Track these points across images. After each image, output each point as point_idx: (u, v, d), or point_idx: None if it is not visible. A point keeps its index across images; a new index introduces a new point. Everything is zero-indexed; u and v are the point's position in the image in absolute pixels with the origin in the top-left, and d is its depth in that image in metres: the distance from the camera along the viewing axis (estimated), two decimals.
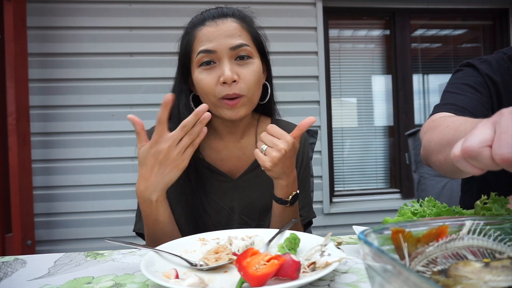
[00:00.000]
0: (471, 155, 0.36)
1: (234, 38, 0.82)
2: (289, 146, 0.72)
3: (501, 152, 0.34)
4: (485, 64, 0.91)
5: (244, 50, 0.83)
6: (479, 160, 0.36)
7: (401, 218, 0.66)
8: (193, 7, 2.50)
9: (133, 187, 2.77)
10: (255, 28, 0.90)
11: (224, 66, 0.81)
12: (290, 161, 0.75)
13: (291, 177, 0.78)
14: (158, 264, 0.57)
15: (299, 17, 2.61)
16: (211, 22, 0.83)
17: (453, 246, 0.38)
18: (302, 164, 0.97)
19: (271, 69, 0.95)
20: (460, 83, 0.89)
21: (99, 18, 2.45)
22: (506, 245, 0.37)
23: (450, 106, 0.84)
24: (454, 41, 3.05)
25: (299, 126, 0.74)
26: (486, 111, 0.86)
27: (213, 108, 0.84)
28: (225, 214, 0.92)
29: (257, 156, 0.74)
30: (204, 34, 0.83)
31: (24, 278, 0.59)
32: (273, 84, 0.97)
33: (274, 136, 0.73)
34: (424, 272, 0.37)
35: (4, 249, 2.20)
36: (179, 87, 0.89)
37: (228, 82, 0.80)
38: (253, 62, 0.84)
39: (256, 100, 0.88)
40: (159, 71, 2.47)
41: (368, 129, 2.94)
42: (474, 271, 0.34)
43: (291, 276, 0.49)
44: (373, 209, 2.69)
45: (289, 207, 0.81)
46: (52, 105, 2.41)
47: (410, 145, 1.52)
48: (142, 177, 0.75)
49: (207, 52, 0.81)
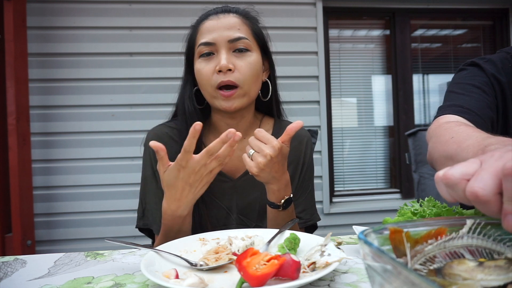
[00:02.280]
0: (449, 183, 0.37)
1: (233, 31, 0.84)
2: (275, 151, 0.70)
3: (472, 185, 0.35)
4: (490, 63, 0.89)
5: (242, 43, 0.84)
6: (455, 190, 0.37)
7: (401, 218, 0.66)
8: (193, 7, 2.51)
9: (133, 187, 2.78)
10: (258, 26, 0.91)
11: (220, 56, 0.83)
12: (279, 166, 0.74)
13: (282, 182, 0.77)
14: (158, 264, 0.57)
15: (299, 17, 2.61)
16: (213, 16, 0.87)
17: (452, 245, 0.38)
18: (303, 166, 0.95)
19: (274, 68, 0.95)
20: (465, 83, 0.88)
21: (99, 18, 2.45)
22: (506, 246, 0.37)
23: (456, 108, 0.83)
24: (454, 41, 3.05)
25: (287, 131, 0.73)
26: (492, 113, 0.85)
27: (210, 100, 0.87)
28: (224, 214, 0.91)
29: (245, 161, 0.74)
30: (206, 27, 0.86)
31: (24, 278, 0.59)
32: (276, 84, 0.97)
33: (261, 140, 0.72)
34: (421, 270, 0.37)
35: (4, 249, 2.20)
36: (185, 78, 0.93)
37: (223, 70, 0.82)
38: (251, 55, 0.85)
39: (253, 95, 0.88)
40: (159, 71, 2.47)
41: (368, 129, 2.94)
42: (467, 270, 0.34)
43: (291, 276, 0.49)
44: (373, 209, 2.69)
45: (283, 211, 0.80)
46: (52, 105, 2.41)
47: (410, 145, 1.52)
48: (173, 198, 0.73)
49: (207, 44, 0.84)
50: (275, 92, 0.96)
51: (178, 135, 0.91)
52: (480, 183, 0.34)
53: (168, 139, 0.91)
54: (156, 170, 0.89)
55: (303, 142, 0.96)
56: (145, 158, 0.92)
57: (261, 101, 0.94)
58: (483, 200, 0.34)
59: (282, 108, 1.00)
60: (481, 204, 0.34)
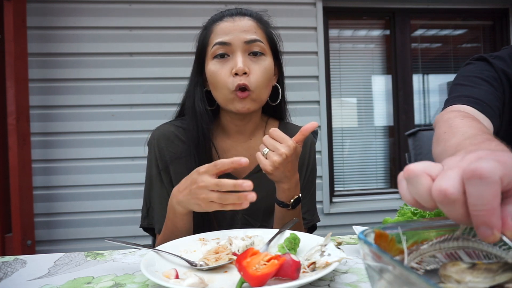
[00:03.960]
0: (410, 176, 0.34)
1: (249, 33, 0.84)
2: (290, 150, 0.72)
3: (440, 184, 0.31)
4: (499, 59, 0.88)
5: (257, 45, 0.85)
6: (415, 185, 0.34)
7: (401, 218, 0.66)
8: (193, 7, 2.51)
9: (133, 187, 2.77)
10: (271, 30, 0.92)
11: (237, 58, 0.83)
12: (292, 165, 0.75)
13: (292, 181, 0.78)
14: (158, 264, 0.57)
15: (299, 17, 2.61)
16: (228, 18, 0.86)
17: (447, 246, 0.38)
18: (307, 168, 0.97)
19: (283, 72, 0.96)
20: (473, 76, 0.86)
21: (99, 18, 2.45)
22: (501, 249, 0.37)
23: (466, 98, 0.80)
24: (454, 41, 3.05)
25: (302, 131, 0.74)
26: (500, 106, 0.83)
27: (223, 102, 0.86)
28: (229, 214, 0.92)
29: (259, 159, 0.74)
30: (221, 28, 0.85)
31: (24, 278, 0.59)
32: (284, 87, 0.97)
33: (276, 139, 0.73)
34: (417, 270, 0.37)
35: (4, 249, 2.20)
36: (194, 80, 0.91)
37: (240, 73, 0.81)
38: (265, 59, 0.86)
39: (264, 99, 0.88)
40: (159, 71, 2.47)
41: (368, 129, 2.94)
42: (458, 272, 0.34)
43: (291, 276, 0.49)
44: (373, 209, 2.69)
45: (291, 210, 0.81)
46: (52, 105, 2.41)
47: (410, 145, 1.52)
48: (178, 187, 0.74)
49: (222, 44, 0.84)
50: (283, 96, 0.97)
51: (185, 134, 0.91)
52: (449, 181, 0.31)
53: (174, 138, 0.91)
54: (162, 169, 0.90)
55: (307, 144, 0.97)
56: (150, 158, 0.92)
57: (268, 104, 0.95)
58: (452, 199, 0.31)
59: (288, 109, 1.01)
60: (448, 204, 0.31)
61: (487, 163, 0.30)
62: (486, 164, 0.30)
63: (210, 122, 0.88)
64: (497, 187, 0.29)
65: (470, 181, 0.30)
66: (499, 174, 0.29)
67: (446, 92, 3.02)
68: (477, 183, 0.29)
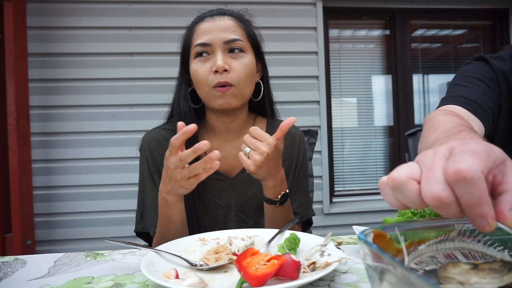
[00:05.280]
0: (396, 184, 0.33)
1: (229, 33, 0.86)
2: (271, 148, 0.72)
3: (431, 189, 0.31)
4: (499, 60, 0.88)
5: (237, 44, 0.87)
6: (403, 192, 0.33)
7: (401, 218, 0.66)
8: (193, 7, 2.50)
9: (133, 187, 2.78)
10: (252, 29, 0.93)
11: (217, 57, 0.85)
12: (275, 162, 0.75)
13: (277, 178, 0.78)
14: (158, 264, 0.57)
15: (299, 17, 2.61)
16: (209, 19, 0.89)
17: (443, 247, 0.38)
18: (297, 163, 0.97)
19: (267, 69, 0.97)
20: (470, 76, 0.87)
21: (99, 18, 2.45)
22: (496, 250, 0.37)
23: (459, 99, 0.81)
24: (454, 41, 3.05)
25: (281, 127, 0.74)
26: (495, 108, 0.84)
27: (206, 99, 0.88)
28: (222, 212, 0.93)
29: (241, 159, 0.74)
30: (202, 29, 0.88)
31: (24, 278, 0.59)
32: (269, 84, 0.98)
33: (257, 138, 0.73)
34: (417, 270, 0.37)
35: (4, 249, 2.20)
36: (180, 78, 0.94)
37: (220, 70, 0.83)
38: (245, 56, 0.88)
39: (247, 94, 0.90)
40: (159, 71, 2.47)
41: (368, 129, 2.94)
42: (462, 273, 0.34)
43: (291, 276, 0.49)
44: (373, 209, 2.69)
45: (280, 206, 0.82)
46: (52, 105, 2.41)
47: (410, 145, 1.52)
48: (162, 181, 0.75)
49: (203, 45, 0.86)
50: (268, 93, 0.98)
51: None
52: (438, 185, 0.31)
53: (164, 141, 0.92)
54: (153, 172, 0.91)
55: (296, 140, 0.98)
56: (142, 162, 0.93)
57: (254, 102, 0.96)
58: (447, 203, 0.31)
59: (276, 108, 1.02)
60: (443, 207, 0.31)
61: (464, 161, 0.30)
62: (464, 163, 0.30)
63: (194, 120, 0.89)
64: (482, 182, 0.30)
65: (457, 184, 0.30)
66: (479, 169, 0.30)
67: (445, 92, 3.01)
68: (464, 185, 0.30)
